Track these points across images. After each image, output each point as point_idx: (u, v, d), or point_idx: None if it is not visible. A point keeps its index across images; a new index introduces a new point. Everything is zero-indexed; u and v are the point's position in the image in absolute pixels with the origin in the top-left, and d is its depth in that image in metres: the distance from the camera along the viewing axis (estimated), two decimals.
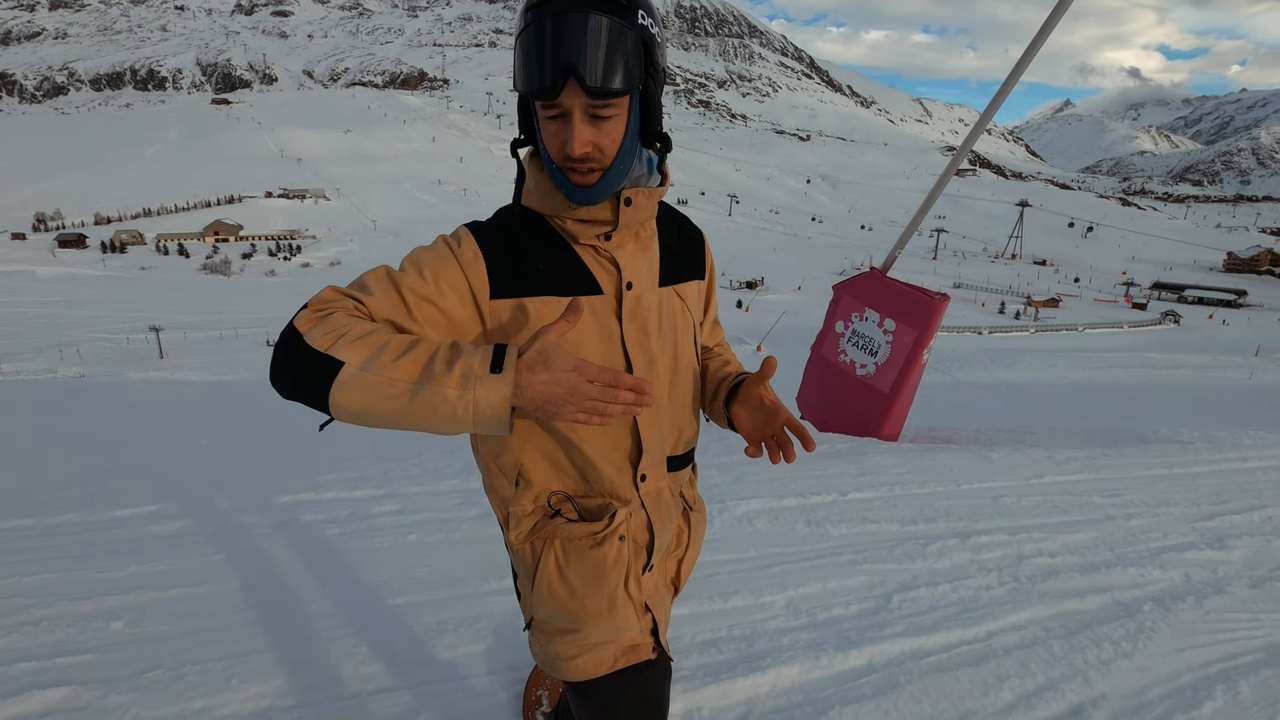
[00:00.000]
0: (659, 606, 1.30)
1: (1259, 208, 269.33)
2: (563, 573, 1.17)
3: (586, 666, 1.22)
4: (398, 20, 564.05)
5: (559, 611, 1.19)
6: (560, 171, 1.02)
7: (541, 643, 1.25)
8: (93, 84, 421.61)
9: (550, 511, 1.17)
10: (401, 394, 0.84)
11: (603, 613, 1.18)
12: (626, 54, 0.94)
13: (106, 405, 10.12)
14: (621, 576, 1.19)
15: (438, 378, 0.84)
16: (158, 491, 3.87)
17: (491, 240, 1.06)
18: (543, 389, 0.85)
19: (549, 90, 0.94)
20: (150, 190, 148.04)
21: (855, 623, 2.59)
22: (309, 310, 0.91)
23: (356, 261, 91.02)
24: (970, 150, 5.47)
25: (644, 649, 1.27)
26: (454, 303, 1.02)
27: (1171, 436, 5.91)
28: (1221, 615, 2.77)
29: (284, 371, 0.89)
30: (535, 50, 0.93)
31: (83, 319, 50.54)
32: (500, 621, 2.50)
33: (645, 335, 1.14)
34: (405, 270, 1.02)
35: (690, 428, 1.27)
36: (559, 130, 0.99)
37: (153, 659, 2.22)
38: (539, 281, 1.06)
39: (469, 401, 0.83)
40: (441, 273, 1.02)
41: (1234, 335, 51.99)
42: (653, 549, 1.24)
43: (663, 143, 1.07)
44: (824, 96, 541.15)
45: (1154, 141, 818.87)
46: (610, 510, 1.16)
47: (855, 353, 5.73)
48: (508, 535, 1.21)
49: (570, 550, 1.17)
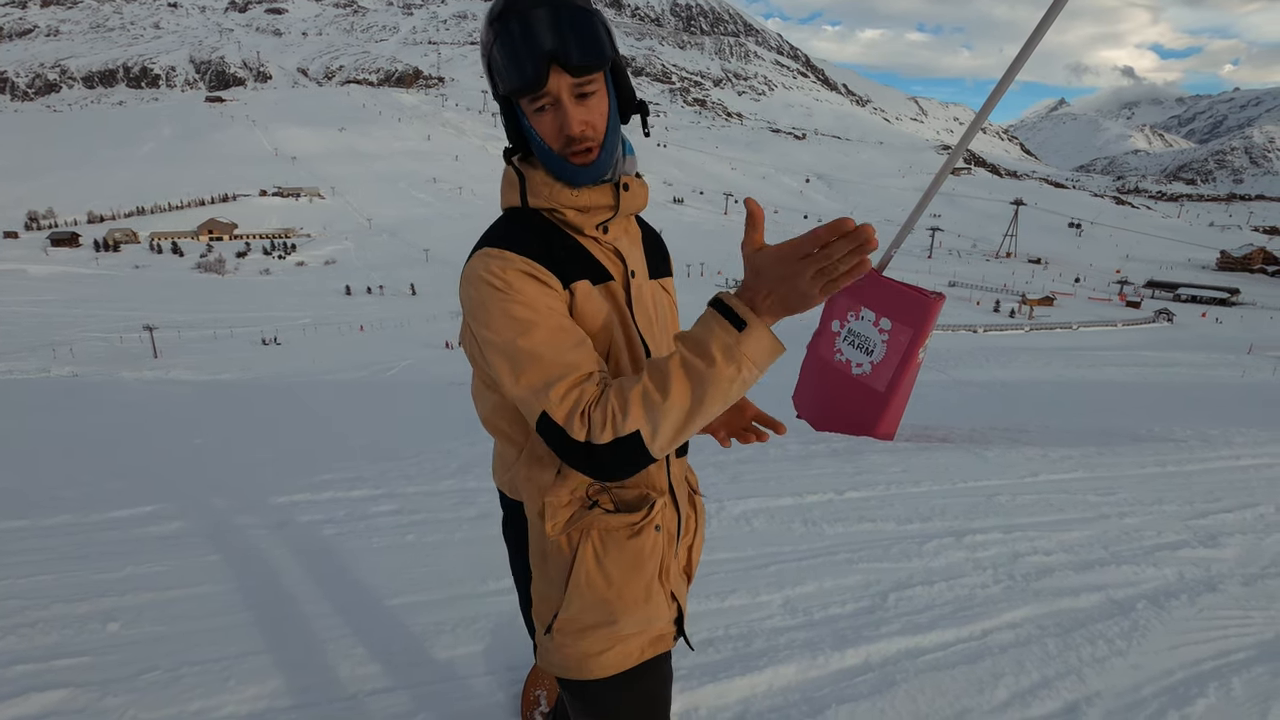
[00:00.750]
0: (682, 596, 1.32)
1: (1252, 206, 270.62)
2: (601, 564, 1.17)
3: (615, 660, 1.22)
4: (392, 18, 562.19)
5: (595, 602, 1.18)
6: (562, 159, 1.07)
7: (565, 643, 1.22)
8: (85, 81, 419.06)
9: (588, 502, 1.18)
10: (700, 407, 0.96)
11: (639, 602, 1.20)
12: (593, 33, 1.03)
13: (101, 405, 10.07)
14: (657, 566, 1.21)
15: (711, 374, 0.94)
16: (154, 492, 3.86)
17: (523, 243, 1.08)
18: (777, 301, 0.93)
19: (535, 81, 1.01)
20: (144, 188, 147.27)
21: (851, 621, 2.60)
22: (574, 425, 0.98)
23: (351, 260, 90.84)
24: (966, 149, 5.49)
25: (668, 638, 1.29)
26: (558, 301, 1.07)
27: (1165, 435, 5.94)
28: (1214, 613, 2.79)
29: (602, 473, 1.00)
30: (514, 50, 1.01)
31: (76, 318, 50.31)
32: (498, 622, 2.50)
33: (650, 322, 1.21)
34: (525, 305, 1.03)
35: None
36: (553, 118, 1.05)
37: (150, 660, 2.21)
38: (575, 269, 1.11)
39: (747, 367, 0.94)
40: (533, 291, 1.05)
41: (1227, 333, 52.26)
42: (680, 535, 1.28)
43: (641, 108, 1.14)
44: (819, 95, 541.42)
45: (1148, 140, 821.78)
46: (649, 501, 1.18)
47: (851, 352, 5.74)
48: (542, 526, 1.19)
49: (609, 541, 1.17)
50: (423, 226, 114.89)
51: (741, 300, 0.94)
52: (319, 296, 64.59)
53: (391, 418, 8.38)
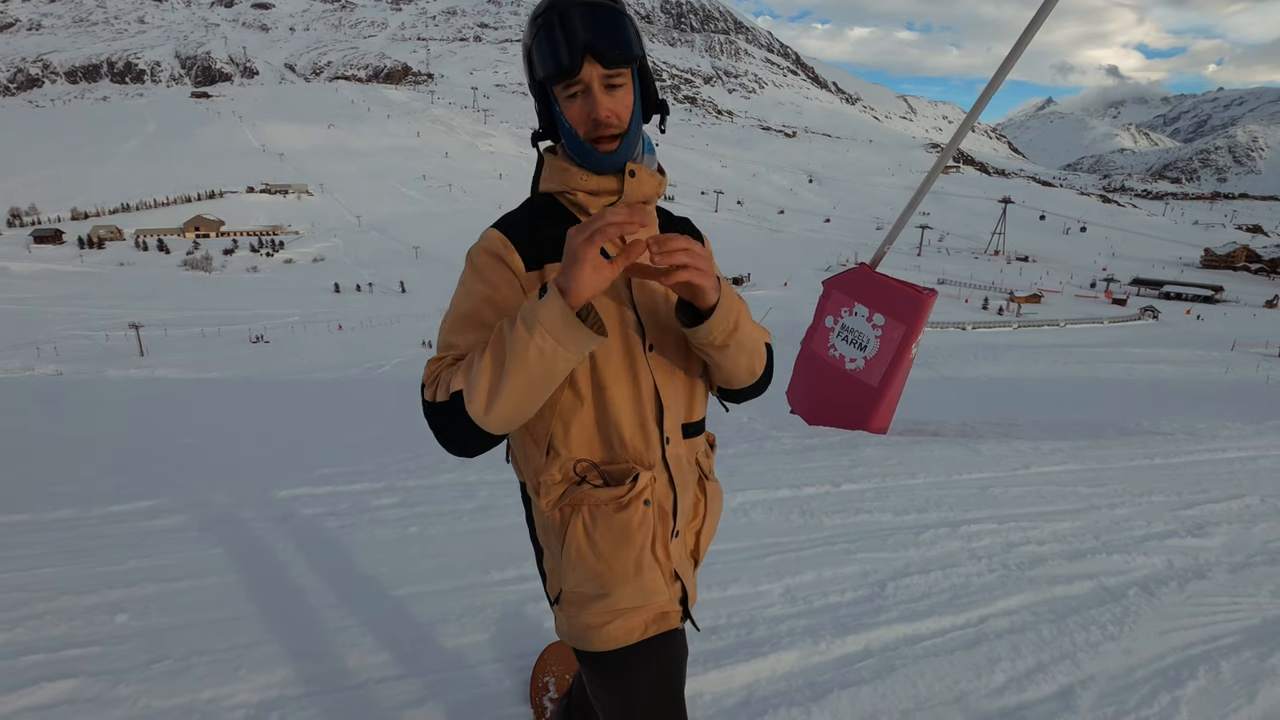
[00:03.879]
0: (687, 577, 1.35)
1: (1235, 205, 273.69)
2: (590, 536, 1.23)
3: (618, 633, 1.26)
4: (381, 14, 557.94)
5: (587, 575, 1.24)
6: (586, 144, 1.16)
7: (571, 615, 1.29)
8: (68, 76, 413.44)
9: (577, 479, 1.23)
10: (503, 372, 1.02)
11: (629, 574, 1.24)
12: (625, 31, 1.13)
13: (87, 403, 9.98)
14: (648, 539, 1.24)
15: (512, 339, 1.02)
16: (152, 487, 3.85)
17: (513, 227, 1.21)
18: (562, 270, 1.00)
19: (570, 68, 1.11)
20: (129, 185, 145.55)
21: (851, 609, 2.65)
22: (425, 388, 1.12)
23: (340, 258, 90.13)
24: (955, 148, 5.56)
25: (673, 617, 1.32)
26: (508, 292, 1.17)
27: (1153, 429, 6.04)
28: (1203, 599, 2.87)
29: (440, 433, 1.10)
30: (554, 40, 1.11)
31: (60, 316, 49.71)
32: (504, 611, 2.53)
33: (654, 303, 1.24)
34: (468, 288, 1.18)
35: (701, 397, 1.35)
36: (583, 104, 1.14)
37: (160, 650, 2.23)
38: (556, 251, 1.17)
39: (539, 331, 1.00)
40: (492, 272, 1.18)
41: (1211, 330, 52.91)
42: (677, 513, 1.30)
43: (661, 108, 1.24)
44: (810, 93, 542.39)
45: (1134, 139, 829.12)
46: (632, 473, 1.22)
47: (845, 347, 5.80)
48: (538, 502, 1.26)
49: (597, 515, 1.22)
50: (412, 223, 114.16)
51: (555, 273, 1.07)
52: (308, 294, 64.09)
53: (386, 414, 8.36)
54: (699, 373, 1.31)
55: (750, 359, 1.25)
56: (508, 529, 3.21)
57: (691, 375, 1.30)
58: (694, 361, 1.29)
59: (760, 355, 1.28)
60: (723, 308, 1.14)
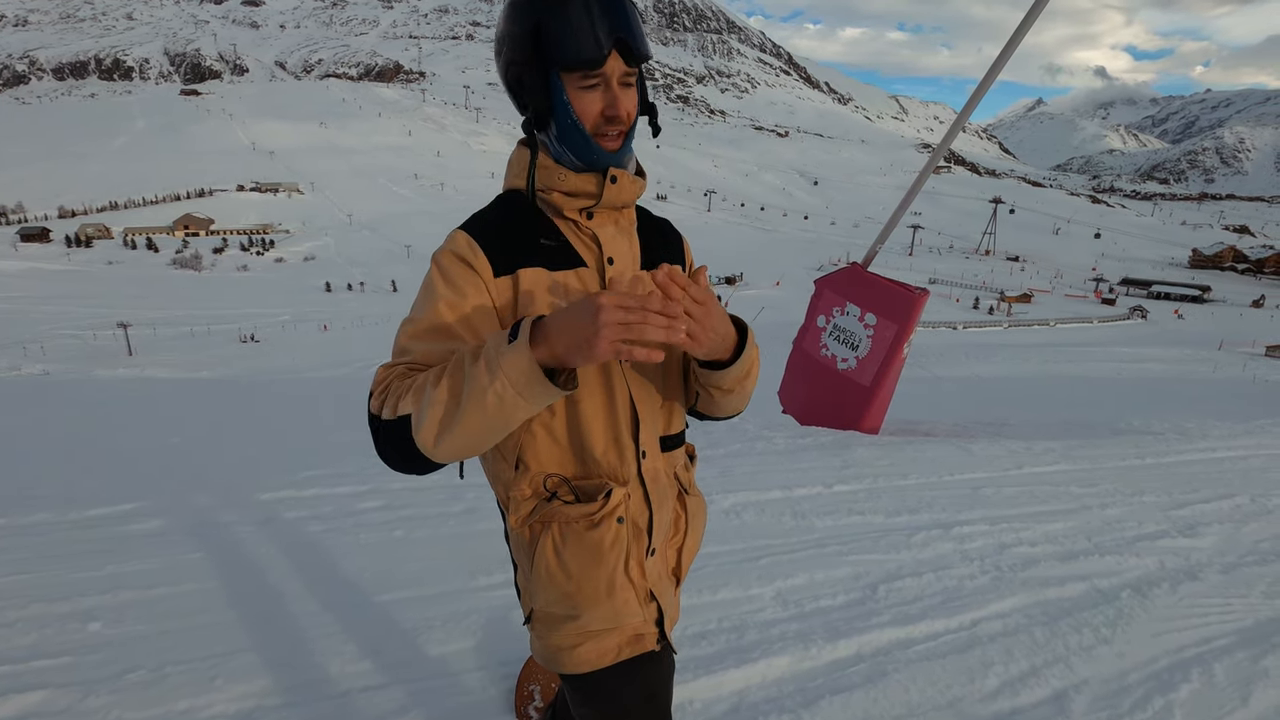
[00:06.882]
0: (664, 596, 1.28)
1: (1222, 205, 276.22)
2: (560, 555, 1.16)
3: (590, 656, 1.21)
4: (372, 11, 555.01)
5: (558, 596, 1.18)
6: (588, 139, 1.10)
7: (542, 635, 1.24)
8: (55, 73, 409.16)
9: (547, 495, 1.17)
10: (458, 408, 0.94)
11: (600, 596, 1.17)
12: (642, 31, 1.09)
13: (75, 403, 9.86)
14: (620, 559, 1.18)
15: (471, 375, 0.94)
16: (133, 490, 3.78)
17: (481, 228, 1.13)
18: (564, 335, 0.91)
19: (598, 60, 1.04)
20: (117, 183, 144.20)
21: (843, 613, 2.62)
22: (373, 396, 1.04)
23: (331, 257, 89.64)
24: (946, 148, 5.54)
25: (648, 639, 1.26)
26: (474, 298, 1.10)
27: (1144, 428, 6.05)
28: (1195, 601, 2.85)
29: (382, 452, 1.02)
30: (583, 25, 1.04)
31: (47, 315, 49.20)
32: (490, 617, 2.48)
33: None
34: (431, 293, 1.10)
35: (680, 409, 1.29)
36: (598, 97, 1.08)
37: (133, 660, 2.17)
38: (529, 255, 1.13)
39: (501, 379, 0.91)
40: (457, 277, 1.10)
41: (1199, 330, 53.36)
42: (653, 531, 1.23)
43: (651, 110, 1.19)
44: (802, 93, 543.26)
45: (1123, 140, 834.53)
46: (605, 489, 1.15)
47: (836, 347, 5.77)
48: (508, 518, 1.20)
49: (568, 533, 1.16)
50: (404, 222, 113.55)
51: (538, 323, 0.94)
52: (299, 293, 63.69)
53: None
54: (679, 383, 1.26)
55: (745, 400, 1.22)
56: (495, 533, 3.15)
57: (671, 386, 1.23)
58: (674, 372, 1.23)
59: (751, 393, 1.24)
60: (745, 358, 1.10)
